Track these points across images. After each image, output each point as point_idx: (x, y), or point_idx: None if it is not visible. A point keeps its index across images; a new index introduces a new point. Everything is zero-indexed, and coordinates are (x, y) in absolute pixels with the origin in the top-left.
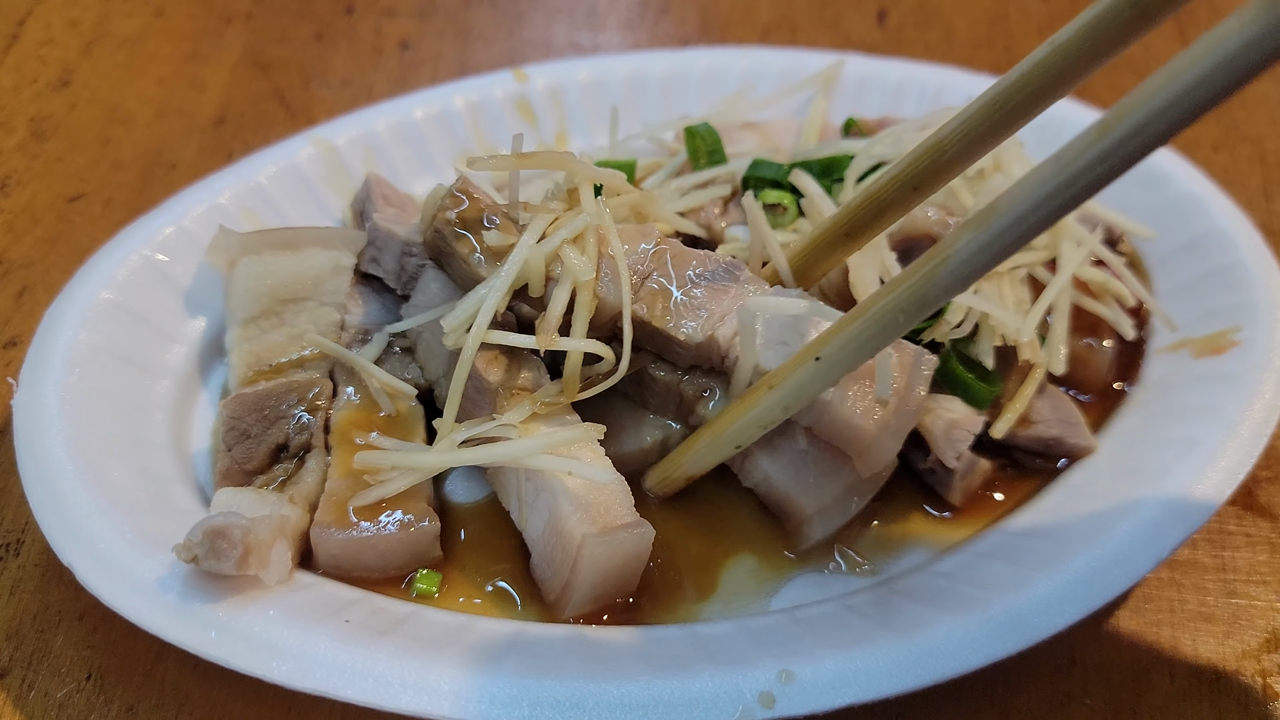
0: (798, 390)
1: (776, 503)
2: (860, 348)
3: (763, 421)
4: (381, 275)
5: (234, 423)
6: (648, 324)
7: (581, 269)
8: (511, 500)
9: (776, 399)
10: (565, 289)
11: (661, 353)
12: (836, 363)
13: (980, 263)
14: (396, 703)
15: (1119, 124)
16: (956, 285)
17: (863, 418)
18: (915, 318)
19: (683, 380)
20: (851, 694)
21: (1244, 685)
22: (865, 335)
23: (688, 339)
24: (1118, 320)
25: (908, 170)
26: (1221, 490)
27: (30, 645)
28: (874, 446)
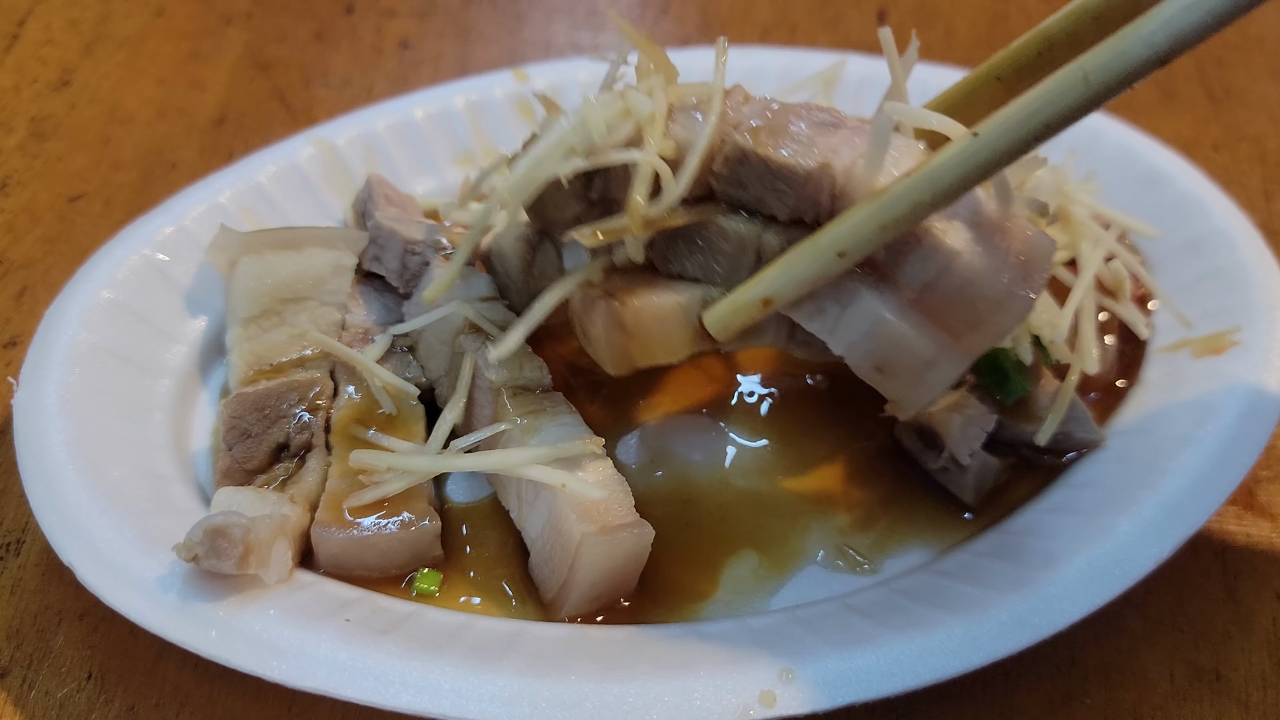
0: (943, 174)
1: (882, 356)
2: (1028, 119)
3: (885, 218)
4: (384, 274)
5: (234, 422)
6: (748, 153)
7: (642, 104)
8: (511, 499)
9: (910, 188)
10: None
11: (758, 203)
12: (997, 138)
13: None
14: (397, 702)
15: None
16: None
17: (988, 277)
18: (1107, 83)
19: (764, 232)
20: (852, 693)
21: (1244, 686)
22: (1041, 101)
23: (798, 165)
24: (1134, 320)
25: (1003, 61)
26: (1222, 490)
27: (31, 645)
28: (994, 316)
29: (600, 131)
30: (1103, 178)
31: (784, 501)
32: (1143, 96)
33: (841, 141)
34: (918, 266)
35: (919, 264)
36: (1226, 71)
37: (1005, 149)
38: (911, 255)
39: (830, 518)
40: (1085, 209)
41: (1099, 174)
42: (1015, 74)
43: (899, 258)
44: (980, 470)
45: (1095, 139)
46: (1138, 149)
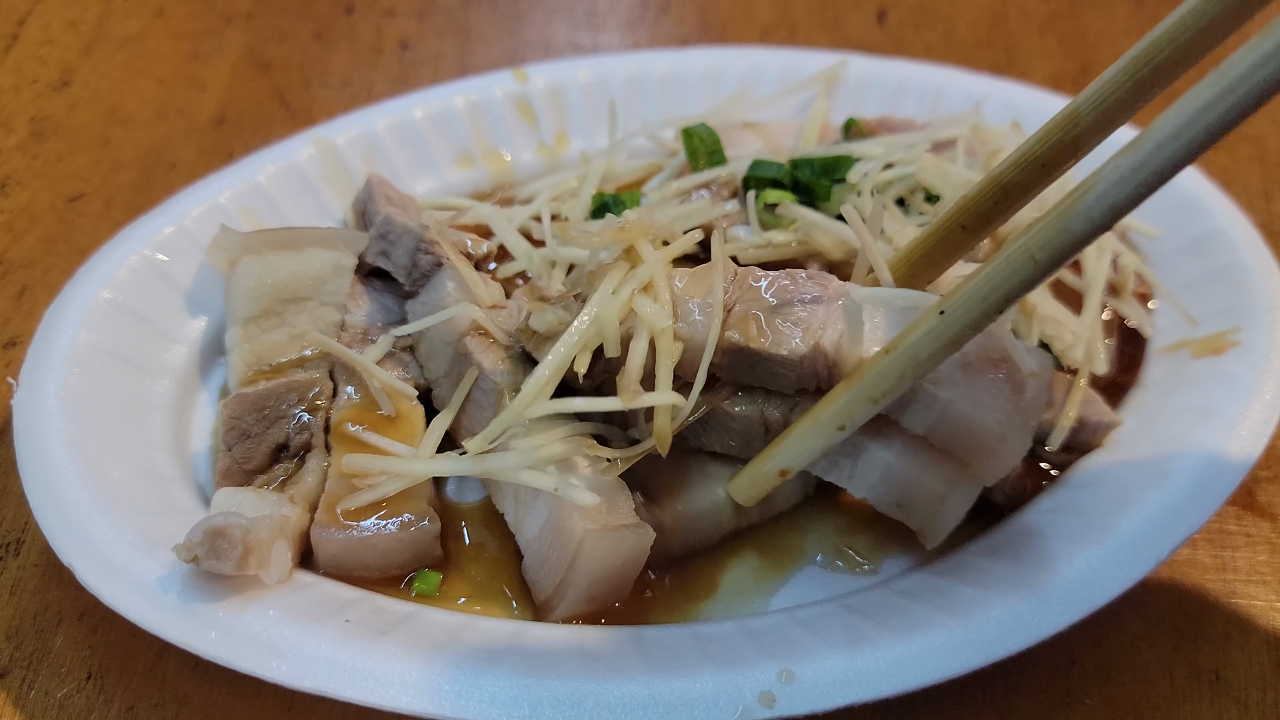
0: (917, 350)
1: (899, 495)
2: (987, 296)
3: (874, 393)
4: (390, 269)
5: (234, 422)
6: (745, 349)
7: (656, 314)
8: (507, 501)
9: (892, 365)
10: (643, 339)
11: (764, 382)
12: (962, 315)
13: (1133, 185)
14: (397, 702)
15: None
16: (1105, 216)
17: (986, 414)
18: (1054, 258)
19: (765, 408)
20: (852, 694)
21: (1244, 686)
22: (995, 280)
23: (791, 353)
24: (1140, 320)
25: (1038, 146)
26: (1221, 490)
27: (30, 645)
28: (1000, 447)
29: (614, 334)
30: None
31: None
32: None
33: (827, 315)
34: (919, 415)
35: (918, 413)
36: None
37: (970, 322)
38: (911, 406)
39: (830, 518)
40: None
41: None
42: (976, 221)
43: (899, 409)
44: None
45: None
46: None
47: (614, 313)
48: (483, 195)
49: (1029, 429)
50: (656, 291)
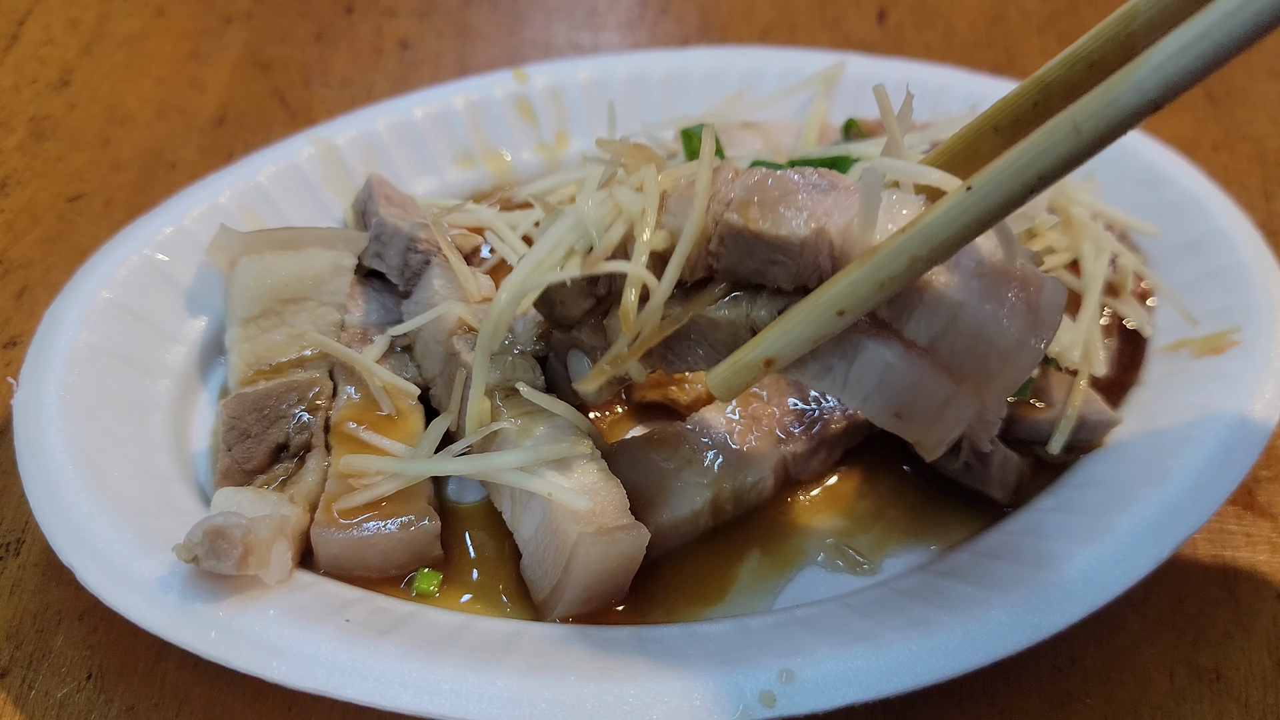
0: (937, 230)
1: (897, 403)
2: (1021, 172)
3: (883, 275)
4: (385, 271)
5: (234, 422)
6: (743, 232)
7: (633, 200)
8: (504, 501)
9: (906, 244)
10: (619, 226)
11: (759, 275)
12: (991, 192)
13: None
14: (397, 702)
15: None
16: (1159, 89)
17: (997, 326)
18: (1099, 132)
19: (751, 309)
20: (852, 693)
21: (1244, 685)
22: (1031, 155)
23: (792, 235)
24: (1140, 319)
25: (1089, 43)
26: (1222, 490)
27: (30, 645)
28: (1007, 365)
29: (597, 232)
30: (1102, 178)
31: (785, 501)
32: None
33: (834, 204)
34: (923, 321)
35: (924, 318)
36: (1226, 71)
37: (1000, 201)
38: (916, 310)
39: (830, 518)
40: (1085, 209)
41: (1098, 174)
42: (1012, 125)
43: (903, 313)
44: (1003, 462)
45: None
46: (1137, 149)
47: (596, 208)
48: (483, 195)
49: (1039, 349)
50: (645, 188)
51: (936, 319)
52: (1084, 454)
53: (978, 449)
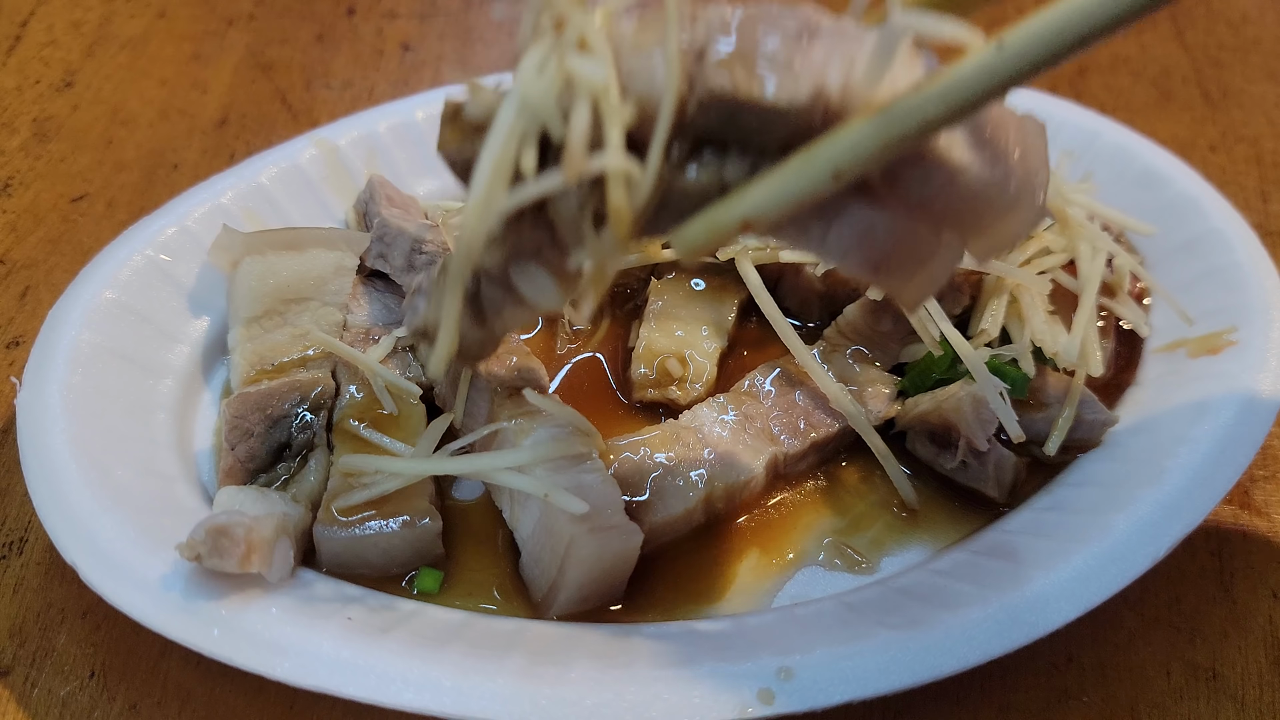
0: (957, 91)
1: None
2: (1063, 30)
3: (891, 135)
4: (388, 271)
5: (237, 421)
6: (732, 99)
7: (590, 70)
8: (504, 499)
9: (921, 104)
10: (584, 106)
11: (742, 137)
12: (1026, 51)
13: None
14: (399, 700)
15: None
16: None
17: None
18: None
19: (723, 170)
20: (850, 691)
21: (1240, 684)
22: (1076, 12)
23: (791, 101)
24: (1136, 319)
25: None
26: (1218, 489)
27: (33, 643)
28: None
29: (553, 119)
30: (1099, 178)
31: (783, 500)
32: (1139, 97)
33: (825, 54)
34: (917, 184)
35: (919, 181)
36: (1223, 73)
37: (1033, 62)
38: (911, 172)
39: (828, 516)
40: (1082, 209)
41: (1095, 175)
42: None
43: (894, 176)
44: (1000, 461)
45: (1092, 140)
46: (1134, 150)
47: (543, 86)
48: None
49: (1039, 207)
50: (590, 45)
51: (933, 181)
52: (1080, 453)
53: (975, 448)
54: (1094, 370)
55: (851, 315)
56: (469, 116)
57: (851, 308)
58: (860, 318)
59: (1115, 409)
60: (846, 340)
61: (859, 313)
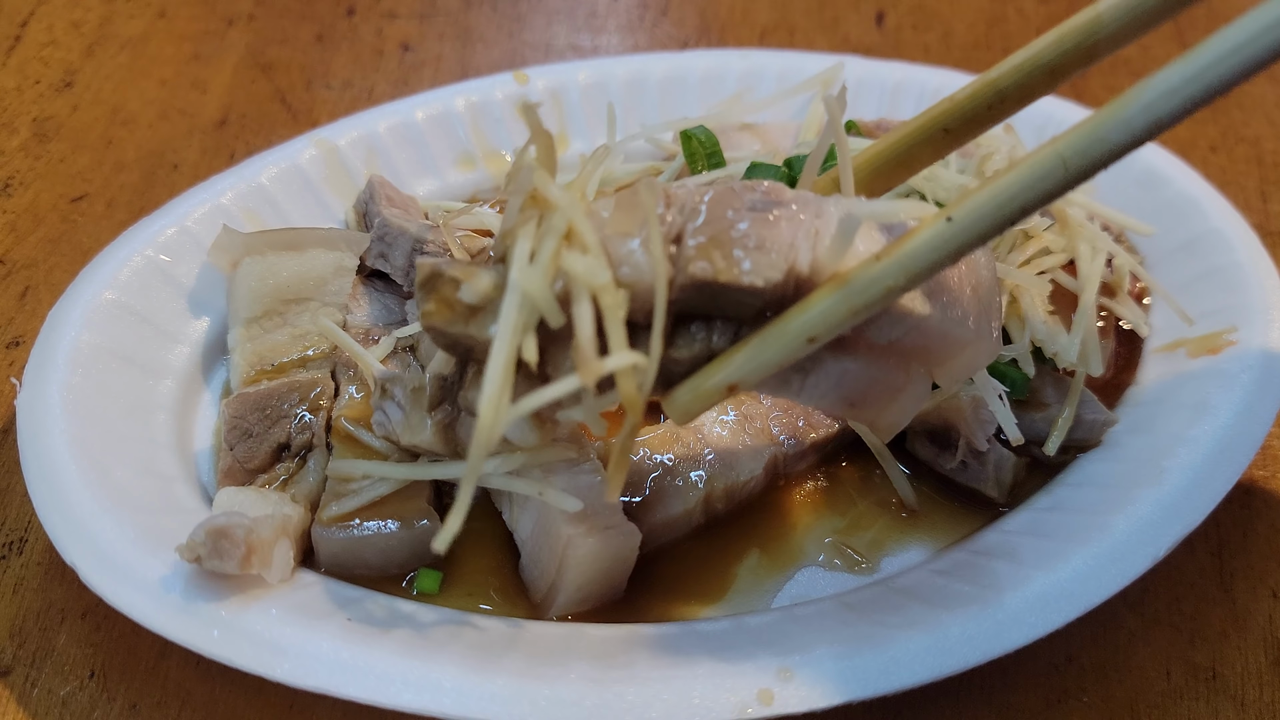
0: (915, 260)
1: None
2: (1004, 205)
3: (858, 304)
4: (389, 271)
5: (236, 422)
6: (713, 283)
7: (591, 270)
8: (503, 501)
9: (883, 273)
10: (586, 304)
11: (722, 311)
12: (973, 224)
13: (1180, 99)
14: (398, 700)
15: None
16: (1146, 128)
17: (957, 327)
18: (1085, 169)
19: (712, 339)
20: (850, 691)
21: (1240, 684)
22: (1016, 187)
23: (767, 283)
24: (1136, 319)
25: (1049, 50)
26: (1218, 489)
27: (33, 643)
28: (965, 353)
29: (550, 306)
30: (1099, 178)
31: (783, 501)
32: None
33: (792, 231)
34: (885, 329)
35: (886, 327)
36: None
37: (981, 233)
38: (878, 321)
39: (828, 516)
40: (1082, 209)
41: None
42: (963, 126)
43: (868, 326)
44: (999, 460)
45: None
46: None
47: (542, 282)
48: (484, 196)
49: (994, 335)
50: (581, 238)
51: (898, 328)
52: (1080, 453)
53: (975, 448)
54: (1094, 370)
55: None
56: (464, 299)
57: None
58: None
59: (1115, 409)
60: None
61: None
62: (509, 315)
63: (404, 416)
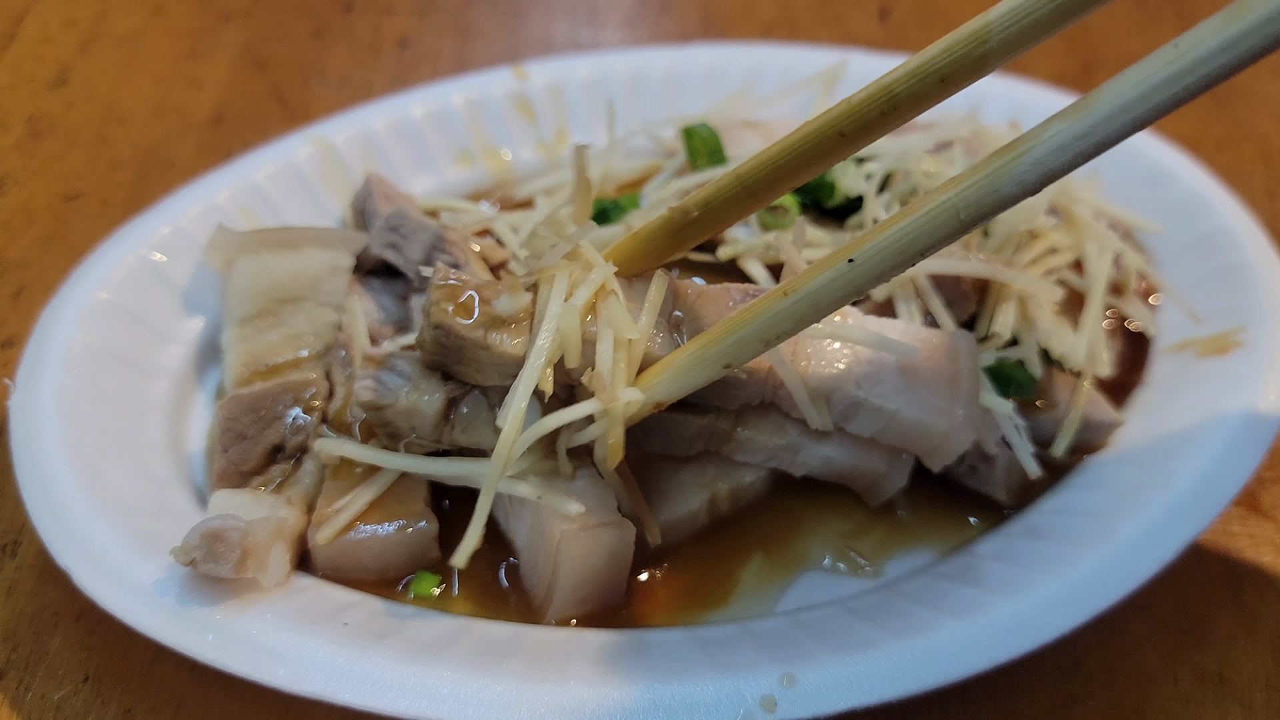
0: (820, 296)
1: (840, 475)
2: (904, 250)
3: (768, 335)
4: (399, 263)
5: (229, 424)
6: None
7: (625, 323)
8: (499, 510)
9: (791, 308)
10: (609, 343)
11: (703, 398)
12: (873, 266)
13: (1071, 154)
14: (395, 706)
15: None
16: (1038, 181)
17: (931, 415)
18: (978, 218)
19: (717, 421)
20: (854, 698)
21: (1248, 688)
22: (914, 234)
23: (748, 376)
24: (1143, 318)
25: (940, 58)
26: (1225, 492)
27: (27, 647)
28: (945, 442)
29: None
30: (1106, 176)
31: (786, 504)
32: None
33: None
34: (865, 424)
35: (864, 422)
36: None
37: (880, 273)
38: (856, 417)
39: (833, 522)
40: (1089, 208)
41: (1102, 172)
42: (858, 130)
43: (844, 420)
44: (1008, 464)
45: None
46: (1141, 147)
47: (576, 324)
48: (482, 194)
49: (971, 420)
50: (612, 297)
51: (876, 422)
52: (1087, 455)
53: (984, 451)
54: (1101, 371)
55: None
56: (500, 311)
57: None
58: None
59: (1122, 410)
60: None
61: None
62: (544, 342)
63: (410, 383)
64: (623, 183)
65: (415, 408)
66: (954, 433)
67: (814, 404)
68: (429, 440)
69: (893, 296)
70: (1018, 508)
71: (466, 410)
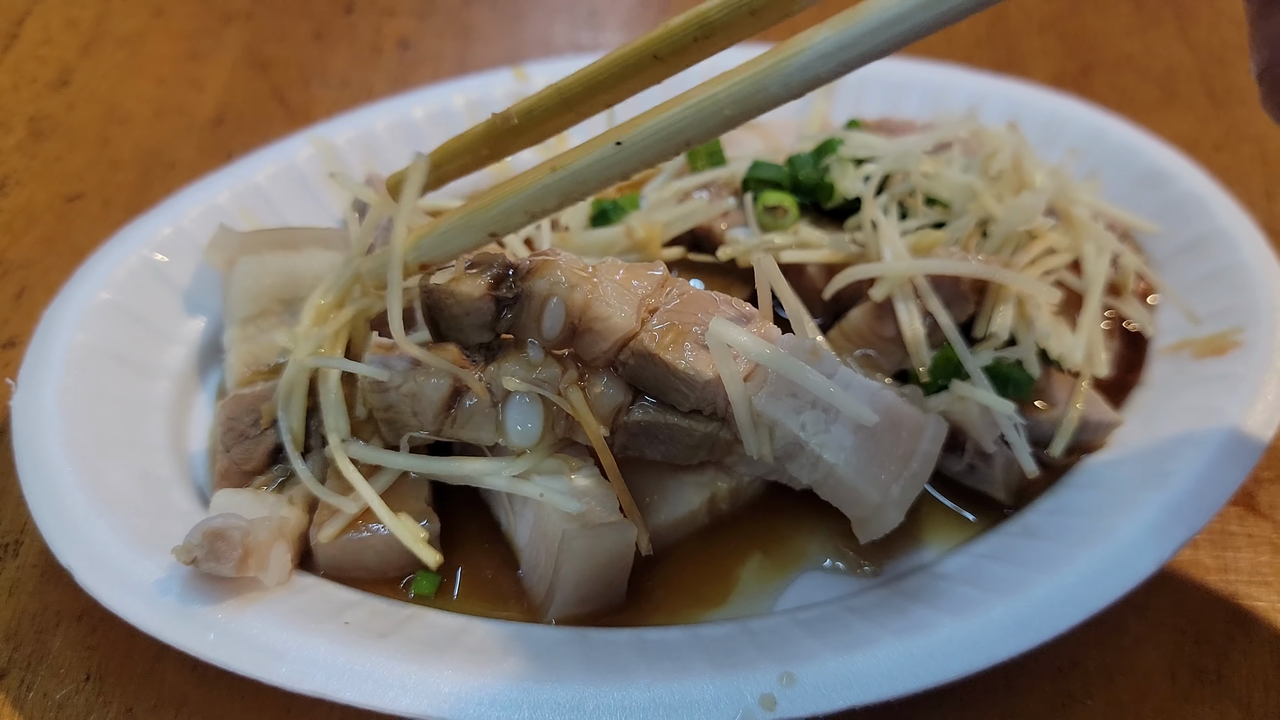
0: (585, 175)
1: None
2: (669, 137)
3: (534, 208)
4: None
5: (231, 423)
6: (653, 356)
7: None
8: (500, 509)
9: (557, 183)
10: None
11: (660, 395)
12: (638, 151)
13: (835, 63)
14: (396, 705)
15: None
16: (803, 86)
17: (869, 484)
18: (742, 115)
19: (721, 430)
20: (853, 696)
21: (1246, 687)
22: (680, 125)
23: (696, 375)
24: (1142, 319)
25: (661, 39)
26: (1223, 491)
27: (29, 646)
28: (875, 515)
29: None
30: (1104, 177)
31: (785, 503)
32: (1144, 96)
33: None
34: (803, 470)
35: (803, 468)
36: (1228, 71)
37: (645, 159)
38: (795, 459)
39: (832, 521)
40: (1087, 209)
41: (1100, 173)
42: (672, 54)
43: (786, 459)
44: (1006, 463)
45: (1097, 138)
46: (1139, 148)
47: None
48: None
49: (903, 504)
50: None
51: (815, 471)
52: (1086, 455)
53: (982, 450)
54: (1099, 371)
55: (856, 319)
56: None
57: (855, 312)
58: (864, 322)
59: (1120, 410)
60: (850, 344)
61: (863, 317)
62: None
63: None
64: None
65: (420, 391)
66: (885, 509)
67: (756, 430)
68: (430, 430)
69: (892, 296)
70: (1016, 507)
71: (469, 404)
